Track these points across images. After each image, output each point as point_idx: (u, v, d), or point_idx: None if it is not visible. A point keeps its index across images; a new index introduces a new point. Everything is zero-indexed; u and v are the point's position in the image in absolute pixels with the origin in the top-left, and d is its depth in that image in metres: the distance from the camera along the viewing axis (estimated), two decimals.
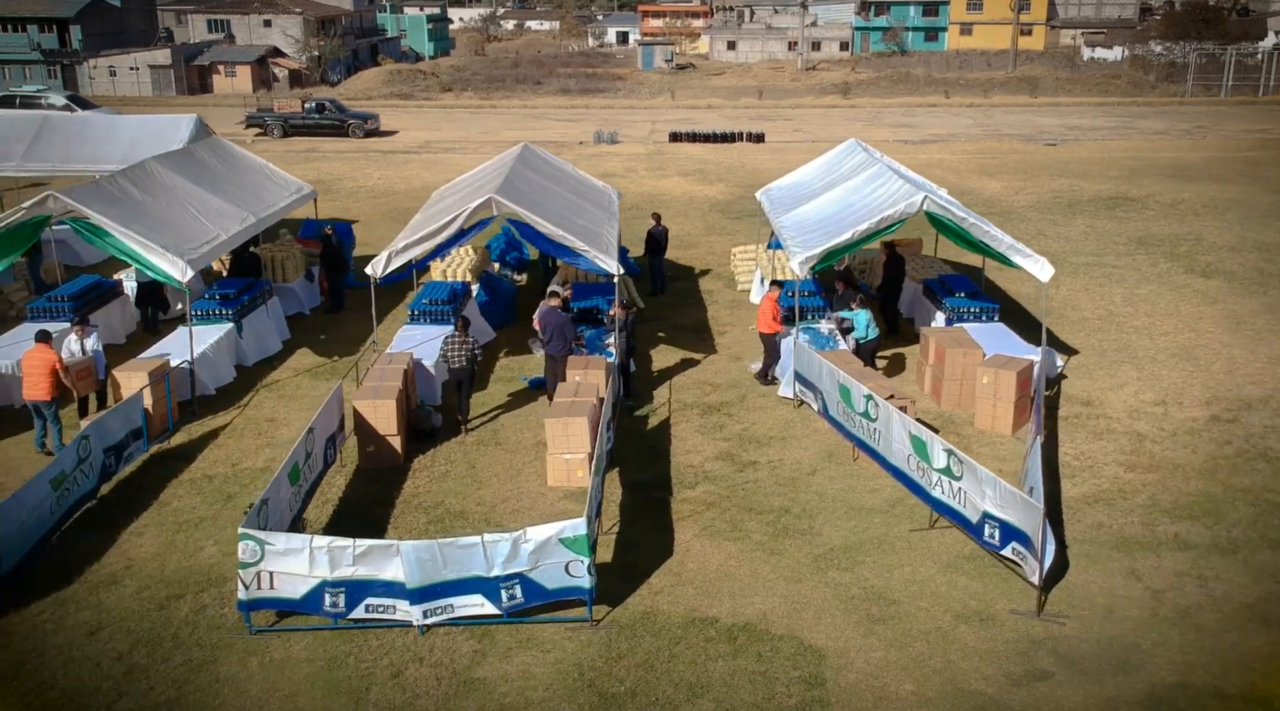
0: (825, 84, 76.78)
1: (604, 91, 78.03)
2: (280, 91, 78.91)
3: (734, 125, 48.64)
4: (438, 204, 17.11)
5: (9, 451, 13.26)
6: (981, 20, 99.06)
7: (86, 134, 22.38)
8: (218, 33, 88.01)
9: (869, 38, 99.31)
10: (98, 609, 9.82)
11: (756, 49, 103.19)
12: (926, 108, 58.65)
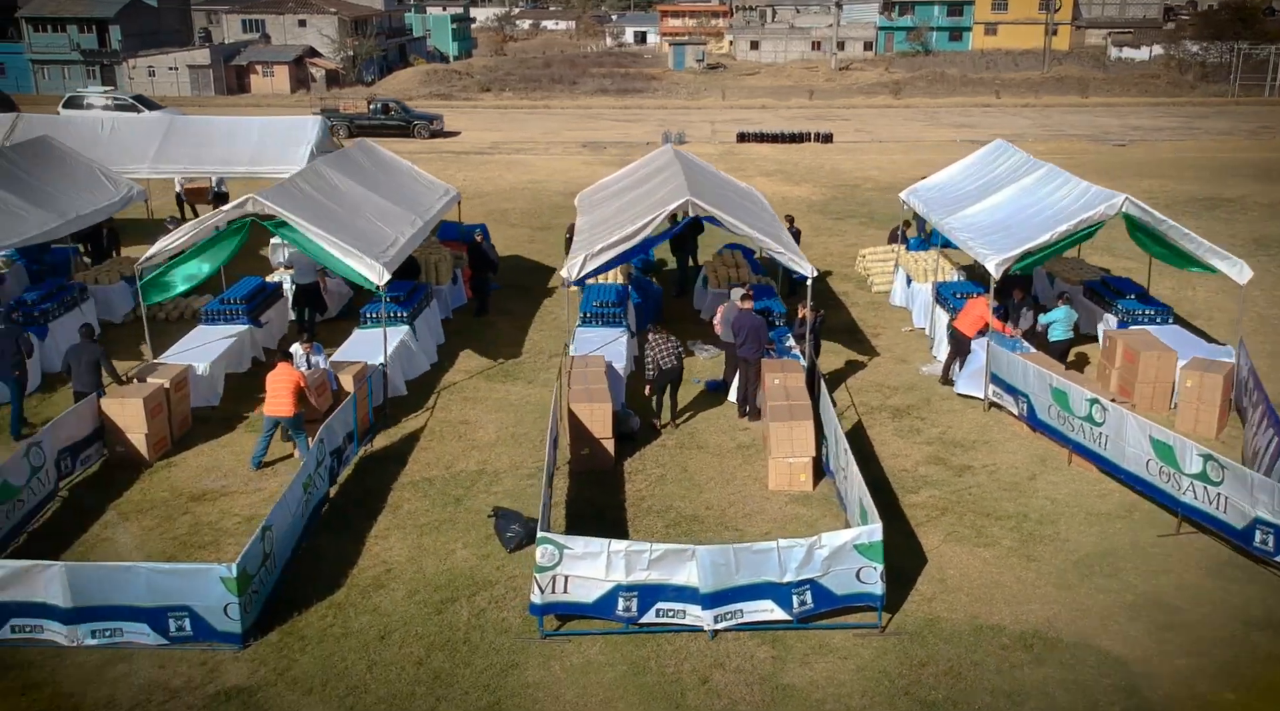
0: (861, 84, 76.71)
1: (640, 91, 78.01)
2: (317, 91, 79.06)
3: (793, 125, 48.61)
4: (600, 208, 17.10)
5: (215, 454, 13.29)
6: (1007, 20, 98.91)
7: (214, 136, 22.42)
8: (252, 32, 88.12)
9: (893, 37, 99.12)
10: (376, 613, 9.83)
11: (780, 49, 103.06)
12: (980, 108, 58.54)
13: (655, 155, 19.58)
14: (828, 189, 32.38)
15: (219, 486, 12.40)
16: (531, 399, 15.13)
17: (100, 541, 11.14)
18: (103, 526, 11.46)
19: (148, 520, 11.59)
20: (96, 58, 77.57)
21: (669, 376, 13.51)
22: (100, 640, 9.27)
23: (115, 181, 18.87)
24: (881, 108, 59.35)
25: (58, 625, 9.25)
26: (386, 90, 79.07)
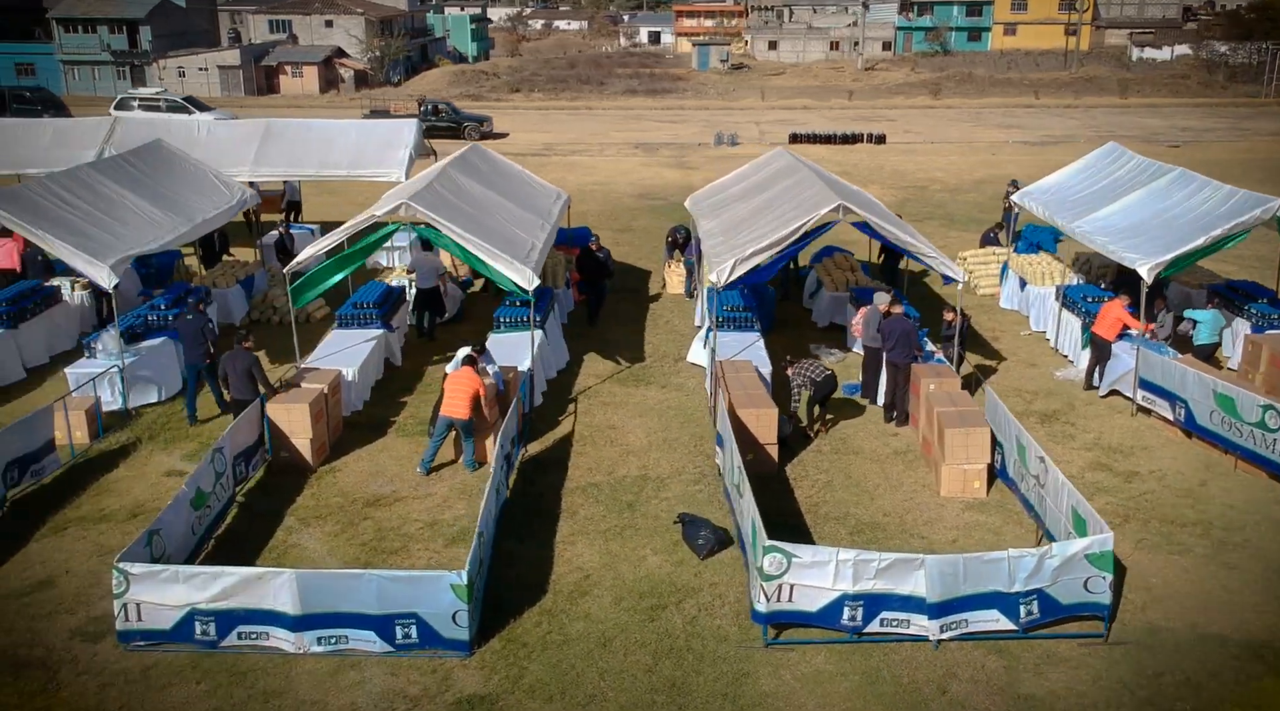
0: (889, 84, 76.61)
1: (669, 92, 77.97)
2: (346, 92, 79.12)
3: (839, 125, 48.58)
4: (725, 211, 17.04)
5: (375, 459, 13.26)
6: (1026, 20, 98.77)
7: (311, 139, 22.35)
8: (279, 33, 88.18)
9: (912, 37, 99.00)
10: (589, 619, 9.81)
11: (798, 49, 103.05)
12: (1022, 108, 58.46)
13: (770, 158, 19.52)
14: (897, 191, 32.31)
15: (389, 491, 12.39)
16: (670, 404, 15.10)
17: (290, 547, 11.13)
18: (286, 532, 11.45)
19: (329, 526, 11.58)
20: (126, 58, 77.69)
21: (824, 389, 13.48)
22: (326, 647, 9.26)
23: (228, 185, 18.86)
24: (923, 108, 59.25)
25: (285, 632, 9.24)
26: (416, 90, 79.09)
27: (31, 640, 9.51)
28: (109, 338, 14.52)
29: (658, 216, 28.92)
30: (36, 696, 8.75)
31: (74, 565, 10.75)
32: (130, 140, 22.02)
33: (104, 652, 9.33)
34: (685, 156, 40.13)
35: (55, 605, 10.05)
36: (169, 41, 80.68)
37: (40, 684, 8.92)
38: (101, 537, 11.30)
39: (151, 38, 78.52)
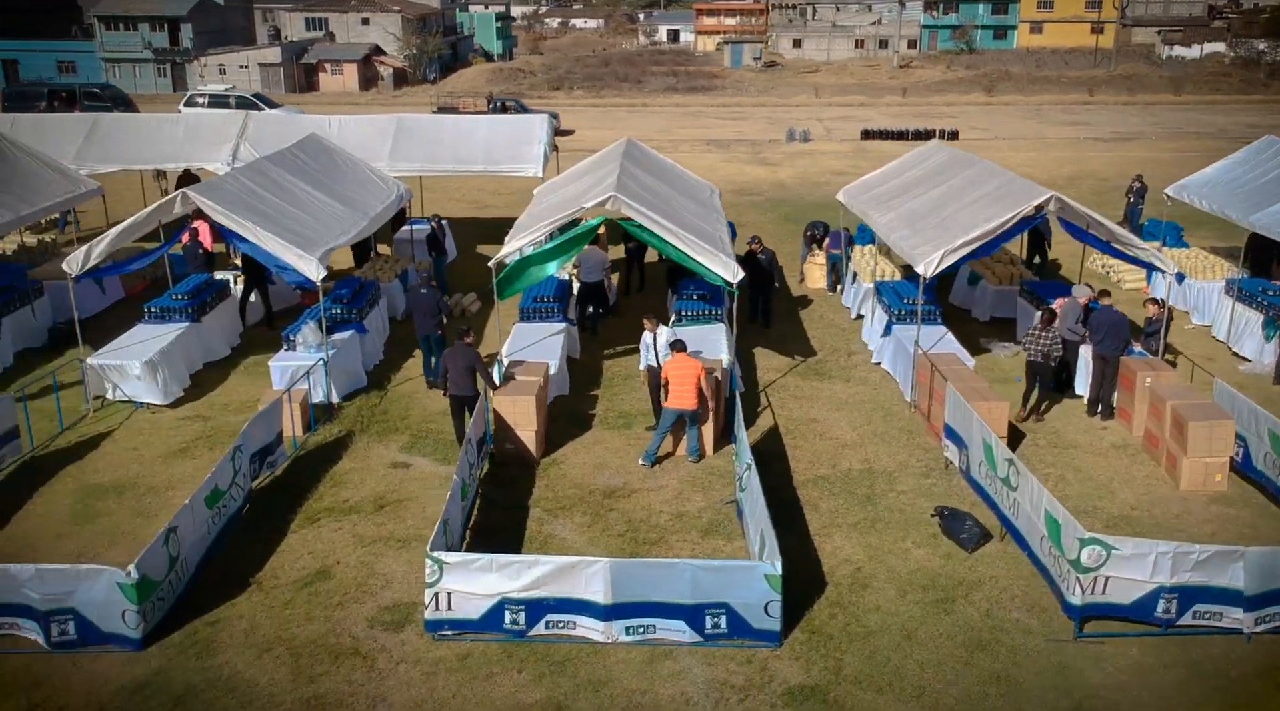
0: (926, 81, 76.48)
1: (708, 89, 77.90)
2: (385, 90, 79.15)
3: (899, 123, 48.48)
4: (896, 203, 16.96)
5: (592, 450, 13.21)
6: (1053, 19, 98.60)
7: (443, 135, 22.35)
8: (316, 30, 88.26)
9: (937, 35, 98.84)
10: (881, 611, 9.73)
11: (823, 47, 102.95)
12: (1080, 105, 58.30)
13: (926, 152, 19.45)
14: None
15: (620, 483, 12.33)
16: (862, 397, 15.02)
17: (548, 538, 11.08)
18: (538, 523, 11.41)
19: (577, 517, 11.53)
20: (167, 56, 77.83)
21: (1059, 363, 13.45)
22: (634, 637, 9.21)
23: (385, 180, 18.83)
24: (980, 105, 59.09)
25: (593, 621, 9.19)
26: (457, 88, 79.17)
27: (335, 629, 9.48)
28: (309, 331, 14.48)
29: (761, 212, 28.88)
30: (365, 684, 8.72)
31: (342, 555, 10.71)
32: (263, 137, 22.07)
33: (411, 641, 9.30)
34: (762, 153, 40.06)
35: (341, 594, 10.01)
36: (208, 39, 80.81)
37: (364, 672, 8.89)
38: (356, 528, 11.26)
39: (192, 35, 78.68)
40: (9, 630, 9.23)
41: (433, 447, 13.29)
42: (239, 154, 21.45)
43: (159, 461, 12.88)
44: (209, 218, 15.06)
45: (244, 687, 8.69)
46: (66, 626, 9.11)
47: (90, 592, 9.00)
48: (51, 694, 8.62)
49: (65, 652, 9.08)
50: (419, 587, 10.11)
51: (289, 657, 9.07)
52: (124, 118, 23.10)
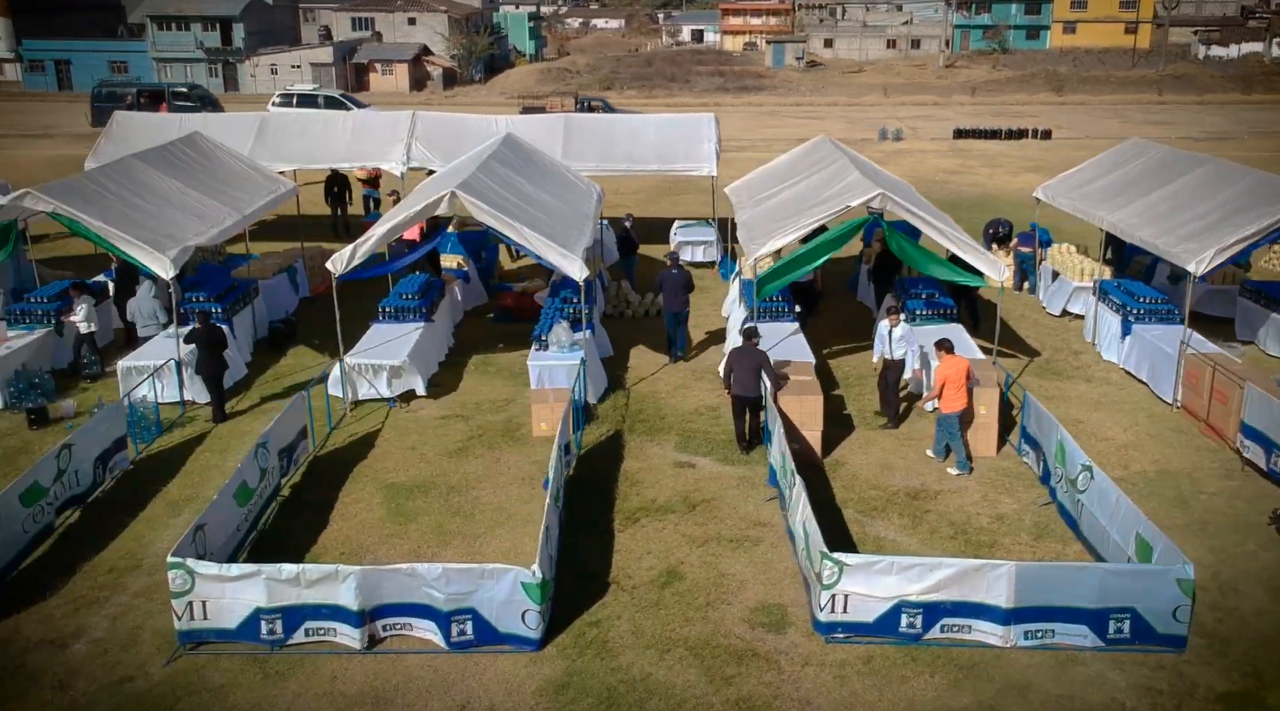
0: (974, 80, 76.18)
1: (757, 89, 77.79)
2: (436, 90, 79.13)
3: (977, 121, 48.21)
4: (1125, 199, 16.80)
5: (871, 451, 13.08)
6: (1086, 18, 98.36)
7: (614, 133, 22.27)
8: (363, 30, 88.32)
9: (969, 35, 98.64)
10: (1267, 615, 9.61)
11: (854, 47, 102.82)
12: (1155, 105, 57.99)
13: (1134, 148, 19.27)
14: None
15: (918, 484, 12.19)
16: (1115, 397, 14.88)
17: (874, 539, 10.94)
18: (858, 524, 11.28)
19: (894, 519, 11.40)
20: (220, 55, 77.91)
21: None
22: (1033, 641, 9.07)
23: (580, 178, 18.74)
24: (1054, 105, 58.85)
25: (991, 625, 9.03)
26: (509, 88, 79.11)
27: (719, 630, 9.34)
28: (561, 330, 14.39)
29: None
30: (782, 686, 8.61)
31: (682, 556, 10.58)
32: (432, 135, 22.02)
33: (801, 643, 9.18)
34: (864, 153, 39.80)
35: (704, 595, 9.87)
36: (259, 39, 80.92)
37: (773, 674, 8.78)
38: (680, 528, 11.12)
39: (244, 35, 78.78)
40: (400, 631, 9.16)
41: (708, 447, 13.17)
42: (412, 153, 21.41)
43: (444, 460, 12.79)
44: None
45: (663, 690, 8.58)
46: (465, 626, 9.02)
47: (492, 592, 8.91)
48: (471, 695, 8.53)
49: (462, 653, 9.02)
50: (777, 588, 10.06)
51: (692, 659, 8.97)
52: (290, 115, 23.04)
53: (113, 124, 21.77)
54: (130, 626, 9.44)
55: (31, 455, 12.81)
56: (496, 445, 13.20)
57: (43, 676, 8.75)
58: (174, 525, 11.20)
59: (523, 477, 12.36)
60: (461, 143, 21.76)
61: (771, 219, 15.25)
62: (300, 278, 18.84)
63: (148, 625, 9.45)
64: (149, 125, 22.35)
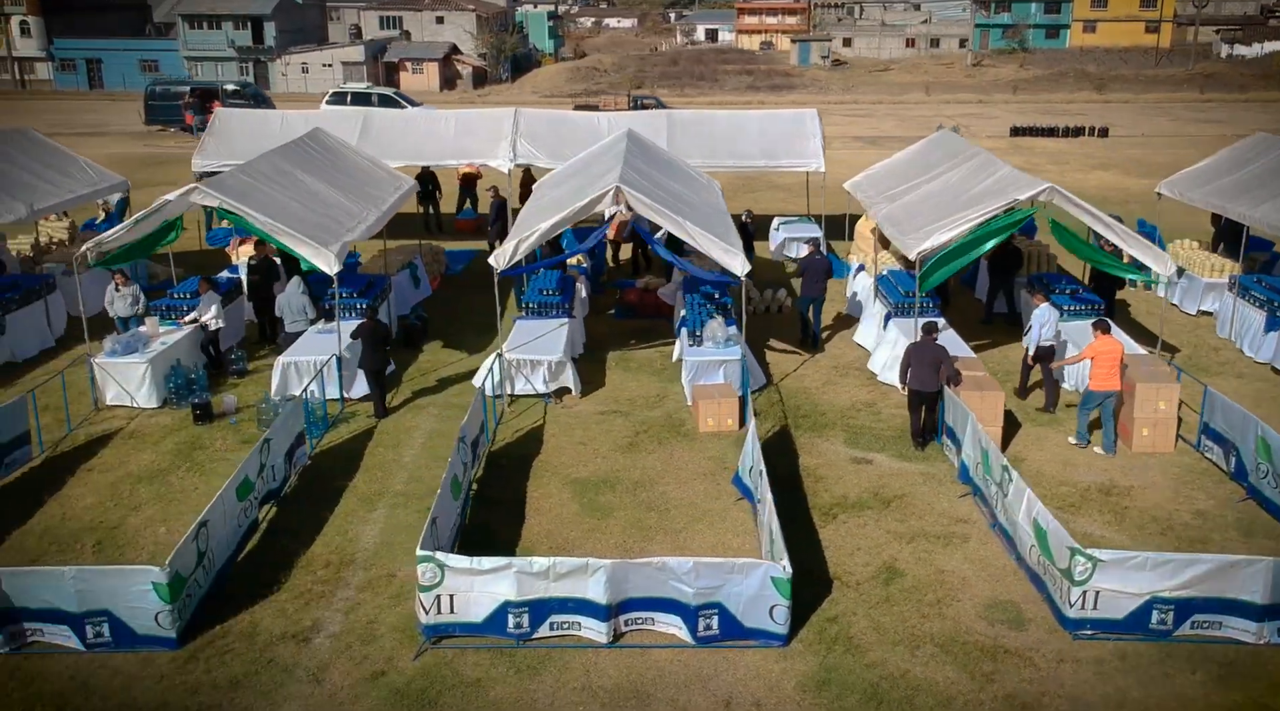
0: (1002, 79, 76.04)
1: (791, 88, 77.64)
2: (466, 88, 79.09)
3: (1027, 119, 48.07)
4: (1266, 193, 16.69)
5: (1043, 446, 13.00)
6: (1106, 18, 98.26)
7: (717, 131, 22.16)
8: (391, 29, 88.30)
9: (989, 34, 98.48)
10: None
11: (873, 46, 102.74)
12: (1201, 103, 57.78)
13: (1251, 144, 19.13)
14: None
15: (1104, 479, 12.05)
16: (1271, 393, 14.83)
17: (1087, 537, 10.85)
18: (1061, 522, 11.20)
19: (1097, 515, 11.27)
20: (251, 54, 77.91)
21: None
22: None
23: (700, 174, 18.65)
24: (1099, 103, 58.70)
25: (1245, 621, 8.96)
26: (540, 87, 79.10)
27: (960, 627, 9.24)
28: (717, 325, 14.32)
29: None
30: (1043, 684, 8.52)
31: (894, 552, 10.48)
32: (535, 132, 21.96)
33: (1048, 640, 9.05)
34: None
35: (932, 592, 9.76)
36: (289, 37, 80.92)
37: (1029, 670, 8.69)
38: (882, 524, 11.02)
39: (275, 33, 78.77)
40: (641, 625, 9.08)
41: (878, 443, 13.05)
42: (517, 150, 21.33)
43: (618, 456, 12.69)
44: None
45: (926, 686, 8.49)
46: (711, 621, 8.94)
47: (740, 587, 8.82)
48: (733, 690, 8.43)
49: (708, 648, 8.93)
50: (1002, 585, 9.97)
51: (944, 656, 8.87)
52: (391, 114, 22.98)
53: (216, 121, 21.71)
54: (364, 620, 9.36)
55: (205, 450, 12.77)
56: (666, 441, 13.11)
57: (295, 669, 8.69)
58: (372, 519, 11.14)
59: (702, 473, 12.27)
60: (565, 139, 21.72)
61: (921, 214, 15.15)
62: (421, 274, 18.78)
63: (381, 618, 9.38)
64: (251, 122, 22.31)
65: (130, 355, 13.89)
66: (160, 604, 8.72)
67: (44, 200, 16.37)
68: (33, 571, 8.95)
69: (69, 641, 8.84)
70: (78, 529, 10.91)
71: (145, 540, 10.74)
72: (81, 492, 11.72)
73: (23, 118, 53.58)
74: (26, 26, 78.09)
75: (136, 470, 12.24)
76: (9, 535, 10.79)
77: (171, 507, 11.37)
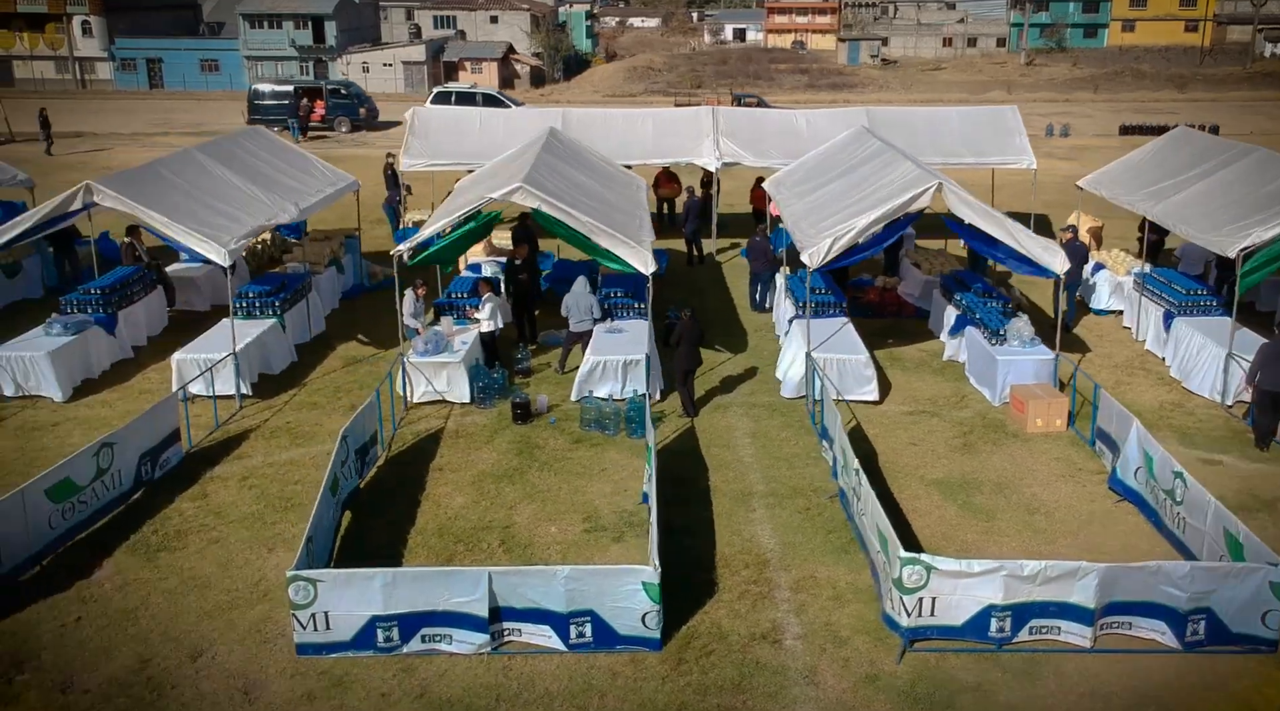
0: (1057, 79, 75.71)
1: (849, 87, 77.47)
2: (524, 88, 79.01)
3: (1121, 119, 47.81)
4: None
5: None
6: (1145, 16, 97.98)
7: (916, 126, 21.95)
8: (445, 29, 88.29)
9: (1026, 34, 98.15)
10: None
11: (909, 45, 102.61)
12: (1276, 102, 57.39)
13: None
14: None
15: None
16: None
17: None
18: None
19: None
20: (311, 53, 77.94)
21: None
22: None
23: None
24: (1185, 102, 58.29)
25: None
26: (601, 86, 78.99)
27: None
28: (1021, 324, 14.18)
29: None
30: None
31: None
32: (734, 129, 21.85)
33: None
34: (1039, 149, 39.45)
35: None
36: (348, 36, 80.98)
37: None
38: None
39: (336, 33, 78.81)
40: (1119, 629, 8.92)
41: (1219, 444, 12.88)
42: (721, 148, 21.20)
43: (958, 456, 12.56)
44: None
45: None
46: (1199, 627, 8.80)
47: (1234, 591, 8.63)
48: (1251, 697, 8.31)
49: (1196, 653, 8.80)
50: None
51: None
52: (590, 114, 22.81)
53: (414, 120, 21.60)
54: (820, 621, 9.21)
55: (543, 449, 12.65)
56: (1001, 442, 12.96)
57: (785, 671, 8.57)
58: (755, 520, 11.03)
59: (1060, 475, 12.12)
60: (765, 137, 21.62)
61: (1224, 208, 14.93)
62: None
63: (836, 621, 9.21)
64: (448, 119, 22.24)
65: (440, 354, 13.82)
66: (649, 604, 8.61)
67: (305, 200, 16.30)
68: (523, 571, 8.85)
69: (550, 641, 8.76)
70: (470, 528, 10.81)
71: (541, 539, 10.65)
72: (447, 491, 11.62)
73: (109, 118, 53.63)
74: (89, 26, 78.28)
75: (488, 469, 12.14)
76: (407, 534, 10.71)
77: (548, 507, 11.28)
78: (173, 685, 8.39)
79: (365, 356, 15.95)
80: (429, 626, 8.69)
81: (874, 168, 15.94)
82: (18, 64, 78.34)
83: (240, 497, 11.50)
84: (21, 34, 78.39)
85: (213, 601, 9.54)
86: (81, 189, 13.52)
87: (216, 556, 10.30)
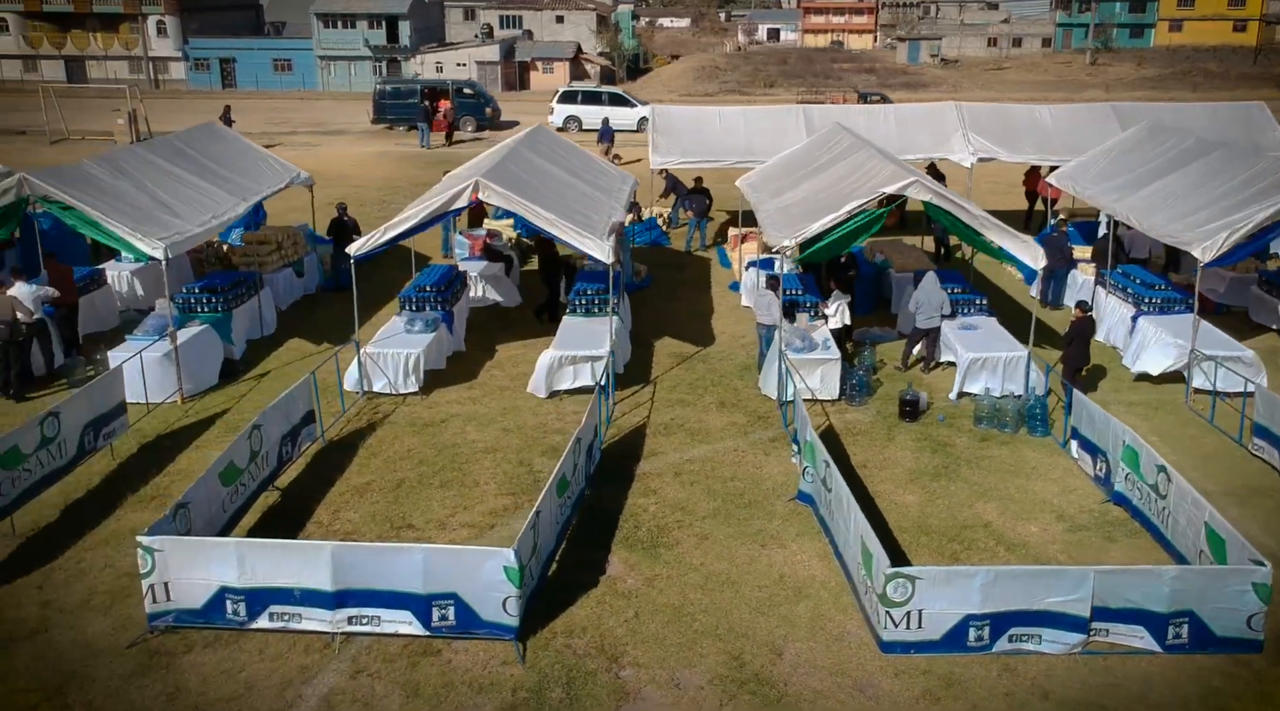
0: (1126, 78, 75.38)
1: (922, 86, 77.33)
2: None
3: None
4: None
5: None
6: (1193, 16, 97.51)
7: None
8: (512, 28, 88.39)
9: (1071, 34, 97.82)
10: None
11: (954, 45, 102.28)
12: None
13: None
14: None
15: None
16: None
17: None
18: None
19: None
20: (385, 53, 78.05)
21: None
22: None
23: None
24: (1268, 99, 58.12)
25: None
26: (672, 85, 78.93)
27: None
28: None
29: None
30: None
31: None
32: (983, 125, 21.75)
33: None
34: None
35: None
36: (420, 36, 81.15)
37: None
38: None
39: (410, 33, 78.97)
40: None
41: None
42: (971, 142, 21.09)
43: None
44: None
45: None
46: None
47: None
48: None
49: None
50: None
51: None
52: (830, 110, 22.81)
53: (655, 118, 21.67)
54: None
55: (954, 446, 12.55)
56: None
57: None
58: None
59: None
60: (1013, 131, 21.56)
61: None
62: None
63: None
64: (689, 119, 22.27)
65: (815, 351, 13.85)
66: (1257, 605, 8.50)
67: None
68: (1123, 571, 8.74)
69: (1143, 642, 8.65)
70: (951, 526, 10.71)
71: (1035, 539, 10.54)
72: (890, 488, 11.55)
73: (205, 118, 52.84)
74: (163, 26, 78.57)
75: (916, 467, 12.07)
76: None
77: (1011, 506, 11.16)
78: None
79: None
80: (1018, 626, 8.60)
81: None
82: (91, 64, 78.71)
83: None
84: (95, 34, 78.74)
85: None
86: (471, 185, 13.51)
87: None
